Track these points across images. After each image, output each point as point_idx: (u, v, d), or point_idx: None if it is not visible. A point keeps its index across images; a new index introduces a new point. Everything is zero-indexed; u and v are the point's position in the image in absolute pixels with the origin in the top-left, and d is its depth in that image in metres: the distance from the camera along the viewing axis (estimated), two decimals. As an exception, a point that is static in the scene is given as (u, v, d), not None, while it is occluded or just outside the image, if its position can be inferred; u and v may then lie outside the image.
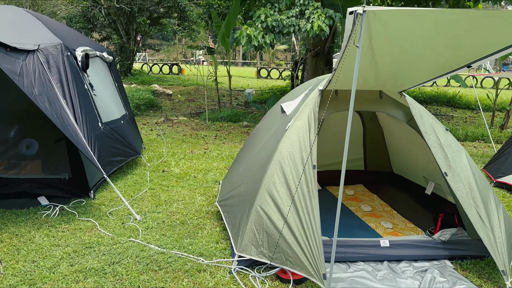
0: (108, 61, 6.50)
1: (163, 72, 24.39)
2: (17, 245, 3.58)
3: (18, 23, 5.19)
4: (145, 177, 5.79)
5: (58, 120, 4.20)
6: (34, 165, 5.08)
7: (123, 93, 7.02)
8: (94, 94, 5.43)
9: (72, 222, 4.13)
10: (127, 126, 6.52)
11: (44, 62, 4.62)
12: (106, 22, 17.38)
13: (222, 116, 11.03)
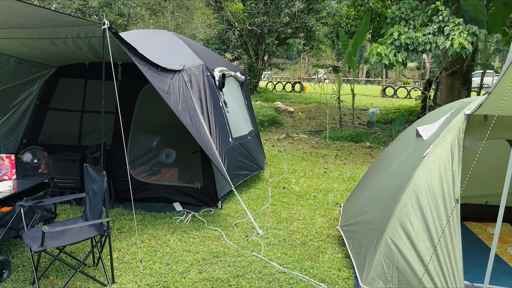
0: (241, 81, 6.89)
1: (286, 90, 25.04)
2: (155, 246, 3.94)
3: (168, 45, 5.83)
4: (267, 192, 5.92)
5: (197, 134, 4.54)
6: (172, 173, 5.58)
7: (251, 110, 7.36)
8: (227, 111, 5.78)
9: (202, 229, 4.40)
10: (253, 142, 6.78)
11: (187, 81, 5.08)
12: (238, 43, 18.62)
13: (343, 135, 10.78)
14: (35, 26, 3.62)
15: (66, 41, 4.12)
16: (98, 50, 4.54)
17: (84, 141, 5.79)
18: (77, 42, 4.17)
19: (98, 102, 5.85)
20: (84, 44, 4.28)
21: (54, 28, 3.69)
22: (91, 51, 4.58)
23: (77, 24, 3.62)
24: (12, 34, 3.92)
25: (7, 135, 5.56)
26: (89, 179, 3.41)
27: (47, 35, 3.91)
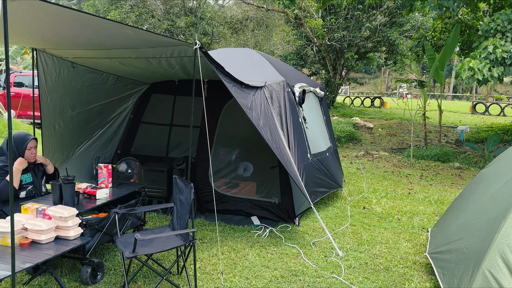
0: (320, 96, 6.83)
1: (365, 105, 24.35)
2: (234, 259, 4.00)
3: (251, 62, 6.00)
4: (346, 211, 5.74)
5: (277, 150, 4.58)
6: (250, 187, 5.67)
7: (329, 126, 7.25)
8: (306, 127, 5.75)
9: (280, 246, 4.39)
10: (331, 158, 6.65)
11: (268, 97, 5.16)
12: (316, 58, 18.58)
13: (428, 154, 10.14)
14: (135, 46, 3.94)
15: (161, 60, 4.43)
16: (188, 68, 4.80)
17: (171, 153, 6.14)
18: (170, 61, 4.46)
19: (185, 116, 6.19)
20: (176, 63, 4.56)
21: (151, 48, 3.99)
22: (181, 69, 4.86)
23: (172, 45, 3.88)
24: (114, 54, 4.31)
25: (104, 146, 6.09)
26: (177, 190, 3.58)
27: (144, 54, 4.24)
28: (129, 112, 6.20)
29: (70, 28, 3.36)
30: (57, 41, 3.96)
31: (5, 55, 2.57)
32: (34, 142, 3.82)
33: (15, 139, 3.75)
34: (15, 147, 3.73)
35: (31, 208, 3.37)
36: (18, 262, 2.77)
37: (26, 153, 3.77)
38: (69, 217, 3.26)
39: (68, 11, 2.84)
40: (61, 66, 4.70)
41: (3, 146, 3.77)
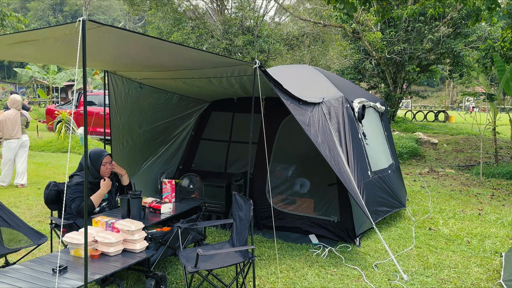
0: (380, 111, 6.65)
1: (428, 119, 23.28)
2: (293, 278, 3.95)
3: (308, 78, 6.00)
4: (410, 232, 5.47)
5: (336, 167, 4.50)
6: (307, 204, 5.60)
7: (391, 142, 7.00)
8: (366, 143, 5.61)
9: (340, 266, 4.27)
10: (394, 176, 6.40)
11: (326, 113, 5.11)
12: (375, 72, 18.15)
13: (500, 172, 9.43)
14: (198, 67, 4.11)
15: (221, 80, 4.58)
16: (247, 87, 4.91)
17: (229, 169, 6.26)
18: (230, 80, 4.60)
19: (243, 133, 6.31)
20: (236, 82, 4.68)
21: (212, 69, 4.14)
22: (241, 87, 4.98)
23: (232, 65, 4.00)
24: (178, 75, 4.52)
25: (167, 161, 6.36)
26: (237, 206, 3.64)
27: (206, 75, 4.41)
28: (190, 129, 6.43)
29: (139, 51, 3.59)
30: (127, 64, 4.24)
31: (83, 79, 2.79)
32: (109, 157, 4.08)
33: (91, 155, 4.02)
34: (91, 163, 4.00)
35: (101, 221, 3.59)
36: (89, 273, 2.94)
37: (102, 168, 4.02)
38: (136, 230, 3.42)
39: (138, 36, 3.03)
40: (130, 87, 5.01)
41: (82, 162, 4.05)
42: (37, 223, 5.48)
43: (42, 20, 55.74)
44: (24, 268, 2.97)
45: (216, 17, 22.68)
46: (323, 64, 22.81)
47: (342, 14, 7.73)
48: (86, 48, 2.48)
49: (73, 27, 2.49)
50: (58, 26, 2.56)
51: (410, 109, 27.15)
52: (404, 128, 17.14)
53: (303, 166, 5.81)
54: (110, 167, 4.10)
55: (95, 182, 4.03)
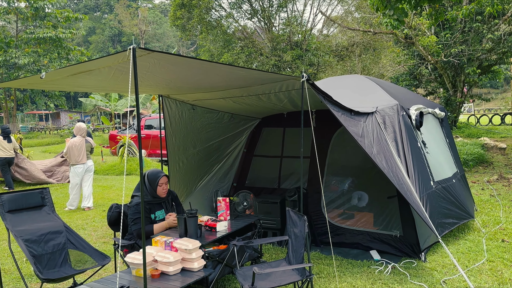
0: (440, 117, 6.30)
1: (493, 123, 21.74)
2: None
3: (360, 88, 5.84)
4: (481, 245, 5.06)
5: (394, 178, 4.29)
6: (367, 219, 5.38)
7: (454, 149, 6.59)
8: (427, 152, 5.32)
9: (404, 283, 4.02)
10: (459, 185, 6.00)
11: (380, 122, 4.93)
12: (432, 77, 17.36)
13: None
14: (247, 85, 4.16)
15: (270, 96, 4.59)
16: (296, 101, 4.88)
17: (283, 184, 6.21)
18: (278, 95, 4.60)
19: (294, 148, 6.26)
20: (284, 97, 4.67)
21: (261, 86, 4.16)
22: (290, 102, 4.96)
23: (280, 80, 4.00)
24: (229, 94, 4.60)
25: (221, 179, 6.45)
26: (291, 223, 3.57)
27: (255, 92, 4.45)
28: (242, 146, 6.50)
29: (190, 74, 3.70)
30: (179, 87, 4.40)
31: (136, 103, 2.91)
32: (165, 178, 4.21)
33: (148, 176, 4.17)
34: (148, 183, 4.14)
35: (160, 240, 3.67)
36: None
37: (158, 189, 4.16)
38: (193, 249, 3.46)
39: (186, 59, 3.13)
40: (183, 109, 5.18)
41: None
42: (102, 244, 5.75)
43: (103, 51, 59.94)
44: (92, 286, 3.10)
45: (264, 35, 23.03)
46: (375, 72, 22.23)
47: (393, 21, 7.50)
48: (137, 74, 2.59)
49: (124, 55, 2.62)
50: (111, 56, 2.71)
51: (473, 113, 25.56)
52: (467, 134, 16.11)
53: (359, 179, 5.62)
54: (166, 188, 4.22)
55: (153, 202, 4.16)
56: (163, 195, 4.21)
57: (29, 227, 3.61)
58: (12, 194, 3.69)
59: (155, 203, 4.18)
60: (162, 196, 4.21)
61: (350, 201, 5.57)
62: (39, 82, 3.51)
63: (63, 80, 3.59)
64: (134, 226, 3.99)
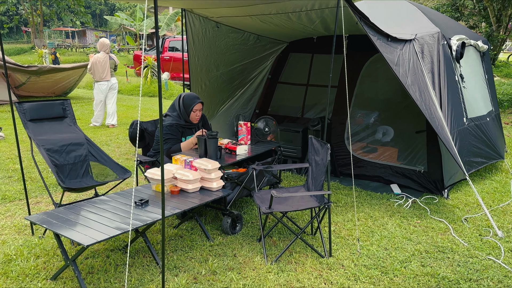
0: (482, 51, 5.81)
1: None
2: (371, 227, 3.76)
3: (400, 13, 5.36)
4: (507, 186, 4.89)
5: (427, 111, 4.05)
6: (390, 153, 5.23)
7: (492, 86, 6.17)
8: (463, 86, 4.97)
9: (424, 218, 3.96)
10: (492, 125, 5.69)
11: (418, 51, 4.56)
12: (476, 9, 16.00)
13: None
14: (276, 0, 3.81)
15: (300, 15, 4.24)
16: (329, 22, 4.52)
17: (306, 114, 6.03)
18: (310, 15, 4.24)
19: (322, 76, 5.97)
20: (317, 17, 4.31)
21: (291, 2, 3.81)
22: (321, 23, 4.60)
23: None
24: (255, 10, 4.27)
25: (244, 105, 6.31)
26: (313, 150, 3.46)
27: (284, 9, 4.10)
28: (267, 72, 6.25)
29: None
30: (202, 1, 4.09)
31: (155, 18, 2.70)
32: (200, 105, 4.08)
33: (184, 99, 4.06)
34: (183, 107, 4.04)
35: (180, 159, 3.66)
36: (169, 208, 3.04)
37: (192, 114, 4.06)
38: (212, 169, 3.44)
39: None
40: (206, 26, 4.90)
41: (175, 104, 4.12)
42: (125, 160, 5.86)
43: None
44: (110, 200, 3.15)
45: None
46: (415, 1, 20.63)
47: None
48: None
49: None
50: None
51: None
52: (505, 74, 15.21)
53: (387, 113, 5.38)
54: (199, 114, 4.12)
55: (185, 126, 4.10)
56: (195, 121, 4.13)
57: (51, 137, 3.63)
58: (34, 103, 3.67)
59: (186, 127, 4.12)
60: (194, 122, 4.13)
61: (374, 135, 5.38)
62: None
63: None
64: (164, 146, 3.97)
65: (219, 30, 5.00)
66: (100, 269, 3.01)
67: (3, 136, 6.99)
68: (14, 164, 5.57)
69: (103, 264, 3.07)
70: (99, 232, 2.57)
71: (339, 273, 2.98)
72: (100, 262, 3.10)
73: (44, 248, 3.28)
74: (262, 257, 3.19)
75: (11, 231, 3.64)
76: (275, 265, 3.08)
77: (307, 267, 3.05)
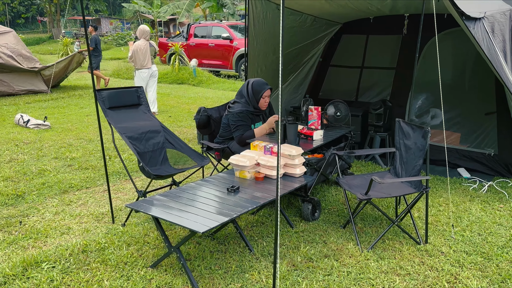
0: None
1: None
2: (456, 212, 3.67)
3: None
4: None
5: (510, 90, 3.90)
6: (454, 136, 5.09)
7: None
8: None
9: (506, 202, 3.85)
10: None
11: (489, 31, 4.38)
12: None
13: None
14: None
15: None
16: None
17: (361, 97, 5.90)
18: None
19: (378, 58, 5.82)
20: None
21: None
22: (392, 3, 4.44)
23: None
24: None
25: (295, 90, 6.20)
26: (401, 134, 3.36)
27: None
28: (319, 55, 6.11)
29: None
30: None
31: None
32: (269, 91, 3.99)
33: (253, 86, 3.97)
34: (252, 94, 3.96)
35: (259, 145, 3.59)
36: (258, 195, 2.97)
37: (261, 101, 3.97)
38: (296, 155, 3.36)
39: None
40: (267, 9, 4.78)
41: (243, 90, 4.03)
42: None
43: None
44: (199, 186, 3.10)
45: None
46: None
47: None
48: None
49: None
50: None
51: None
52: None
53: (448, 96, 5.21)
54: (268, 101, 4.04)
55: (254, 112, 4.02)
56: (264, 107, 4.04)
57: (130, 124, 3.59)
58: (111, 91, 3.62)
59: (255, 114, 4.04)
60: (263, 109, 4.04)
61: (434, 118, 5.25)
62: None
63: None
64: (235, 132, 3.91)
65: (279, 12, 4.87)
66: (198, 256, 2.98)
67: (49, 125, 7.01)
68: (70, 152, 5.58)
69: (198, 251, 3.05)
70: (207, 219, 2.53)
71: (441, 259, 2.91)
72: (194, 250, 3.08)
73: (133, 236, 3.27)
74: (354, 244, 3.13)
75: (90, 219, 3.64)
76: (371, 252, 3.02)
77: (406, 254, 2.98)
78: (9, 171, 4.86)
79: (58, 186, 4.41)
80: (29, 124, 6.93)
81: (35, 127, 6.90)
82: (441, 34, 5.07)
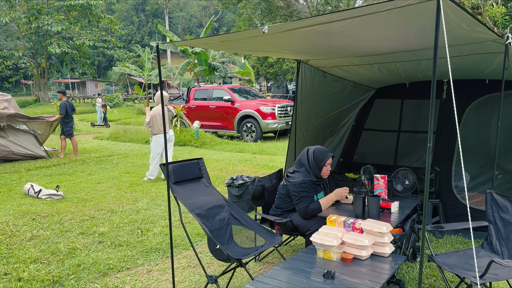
0: None
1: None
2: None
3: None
4: None
5: None
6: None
7: None
8: None
9: None
10: None
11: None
12: None
13: None
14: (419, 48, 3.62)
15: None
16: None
17: (400, 161, 5.75)
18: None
19: (414, 122, 5.76)
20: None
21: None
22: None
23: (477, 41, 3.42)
24: (379, 58, 4.09)
25: (330, 154, 6.02)
26: (495, 207, 3.14)
27: (420, 56, 3.93)
28: (353, 119, 6.03)
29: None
30: (321, 53, 3.90)
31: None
32: (331, 159, 3.77)
33: (315, 153, 3.74)
34: (314, 162, 3.72)
35: (337, 220, 3.28)
36: (358, 281, 2.63)
37: (323, 169, 3.72)
38: (387, 232, 3.07)
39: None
40: (315, 76, 4.71)
41: (302, 159, 3.79)
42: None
43: (126, 21, 59.10)
44: (284, 270, 2.73)
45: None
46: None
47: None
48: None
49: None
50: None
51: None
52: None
53: (489, 159, 5.12)
54: (329, 169, 3.80)
55: (315, 181, 3.75)
56: (326, 176, 3.79)
57: (195, 200, 3.25)
58: (175, 164, 3.31)
59: (316, 183, 3.77)
60: (325, 177, 3.79)
61: (483, 183, 5.09)
62: (215, 42, 3.07)
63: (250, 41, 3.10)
64: (299, 204, 3.60)
65: (325, 79, 4.81)
66: None
67: (62, 194, 6.52)
68: (96, 226, 5.10)
69: None
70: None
71: None
72: None
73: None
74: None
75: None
76: None
77: None
78: (34, 250, 4.34)
79: (96, 268, 3.92)
80: (41, 195, 6.42)
81: (47, 197, 6.39)
82: (485, 97, 5.12)
